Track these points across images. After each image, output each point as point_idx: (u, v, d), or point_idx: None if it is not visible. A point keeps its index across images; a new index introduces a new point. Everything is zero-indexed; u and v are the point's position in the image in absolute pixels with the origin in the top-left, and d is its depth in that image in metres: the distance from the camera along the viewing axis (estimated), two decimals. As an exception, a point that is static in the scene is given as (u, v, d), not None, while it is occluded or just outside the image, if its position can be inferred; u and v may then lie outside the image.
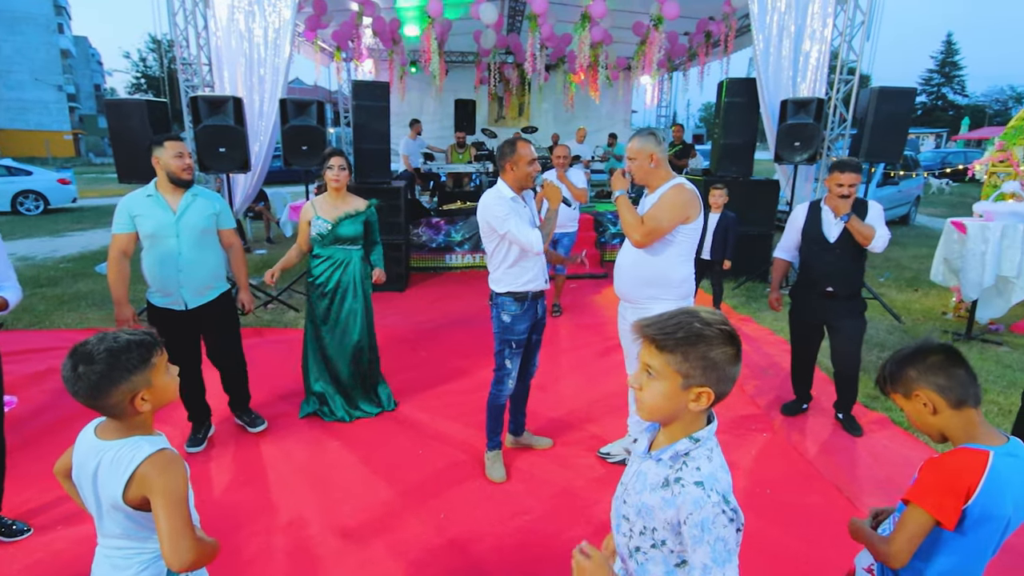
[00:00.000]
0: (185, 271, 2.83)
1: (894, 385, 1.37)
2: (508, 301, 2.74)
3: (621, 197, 2.65)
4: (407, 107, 11.48)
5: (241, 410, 3.32)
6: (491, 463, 2.91)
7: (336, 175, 3.23)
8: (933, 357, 1.31)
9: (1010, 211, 4.65)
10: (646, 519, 1.12)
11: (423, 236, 7.23)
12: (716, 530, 1.02)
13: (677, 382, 1.05)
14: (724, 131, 6.61)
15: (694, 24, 9.07)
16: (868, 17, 6.02)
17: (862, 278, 3.31)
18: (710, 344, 1.04)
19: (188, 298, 2.89)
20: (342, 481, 2.83)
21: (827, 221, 3.26)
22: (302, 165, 5.53)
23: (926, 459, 1.34)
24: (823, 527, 2.53)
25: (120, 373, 1.20)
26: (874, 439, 3.30)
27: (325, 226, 3.24)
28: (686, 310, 1.10)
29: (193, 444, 3.09)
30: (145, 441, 1.26)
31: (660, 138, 2.55)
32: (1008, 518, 1.22)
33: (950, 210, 13.65)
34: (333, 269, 3.30)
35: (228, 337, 3.15)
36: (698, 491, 1.03)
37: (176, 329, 2.88)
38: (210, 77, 5.83)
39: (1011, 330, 5.13)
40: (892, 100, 5.49)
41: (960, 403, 1.29)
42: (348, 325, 3.37)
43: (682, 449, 1.09)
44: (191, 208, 2.85)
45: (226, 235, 3.04)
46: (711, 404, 1.08)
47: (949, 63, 50.50)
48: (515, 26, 9.60)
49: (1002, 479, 1.22)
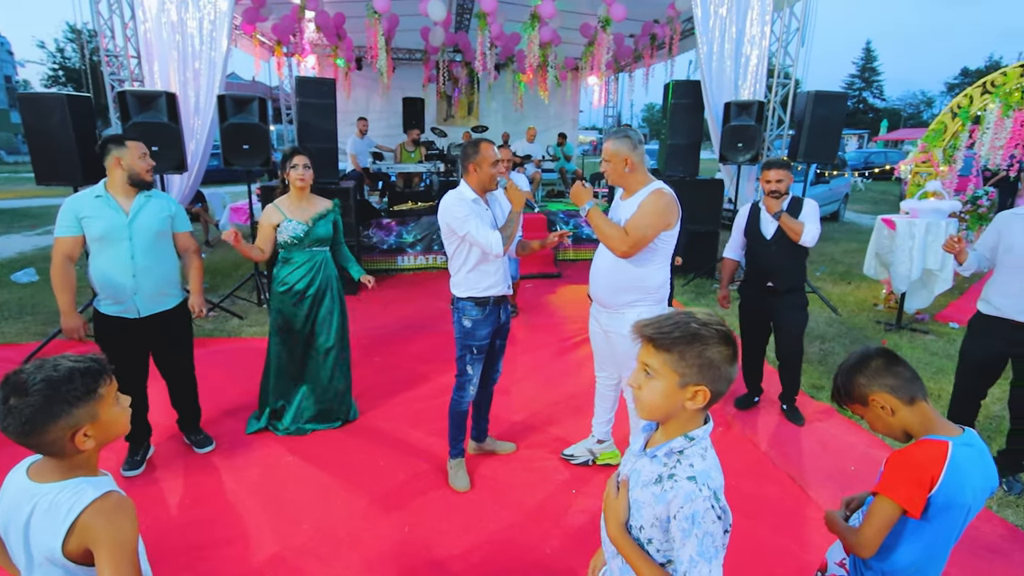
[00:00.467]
0: (139, 276, 2.67)
1: (850, 397, 1.44)
2: (469, 306, 2.68)
3: (592, 211, 2.50)
4: (352, 105, 11.17)
5: (190, 429, 3.12)
6: (454, 472, 2.85)
7: (301, 174, 3.08)
8: (875, 362, 1.39)
9: (933, 208, 4.98)
10: (635, 517, 1.14)
11: (374, 238, 7.05)
12: (705, 524, 1.04)
13: (674, 380, 1.08)
14: (671, 132, 6.78)
15: (639, 26, 9.28)
16: (802, 24, 6.32)
17: (802, 273, 3.46)
18: (706, 344, 1.07)
19: (141, 305, 2.71)
20: (298, 499, 2.69)
21: (764, 219, 3.41)
22: (244, 165, 5.25)
23: (890, 453, 1.39)
24: (781, 516, 2.62)
25: (60, 407, 1.06)
26: (820, 428, 3.45)
27: (301, 228, 3.08)
28: (684, 311, 1.13)
29: (131, 467, 2.87)
30: (88, 484, 1.12)
31: (636, 140, 2.47)
32: (968, 506, 1.29)
33: (874, 207, 14.60)
34: (314, 272, 3.16)
35: (182, 349, 2.99)
36: (691, 485, 1.06)
37: (126, 339, 2.72)
38: (139, 71, 5.45)
39: (935, 319, 5.51)
40: (827, 103, 5.78)
41: (912, 399, 1.35)
42: (324, 328, 3.24)
43: (677, 447, 1.12)
44: (144, 210, 2.70)
45: (182, 239, 2.89)
46: (708, 403, 1.10)
47: (868, 69, 54.01)
48: (463, 24, 9.51)
49: (961, 468, 1.28)
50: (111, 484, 1.16)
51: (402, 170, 8.67)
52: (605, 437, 3.01)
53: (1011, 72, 4.99)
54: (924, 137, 5.59)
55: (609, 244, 2.48)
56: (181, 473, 2.90)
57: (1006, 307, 2.68)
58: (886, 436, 1.44)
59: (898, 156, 21.99)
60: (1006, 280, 2.70)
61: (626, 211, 2.50)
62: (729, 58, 6.26)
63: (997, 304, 2.72)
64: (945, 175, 5.45)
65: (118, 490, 1.16)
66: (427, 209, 7.42)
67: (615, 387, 2.88)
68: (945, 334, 5.09)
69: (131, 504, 1.15)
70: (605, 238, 2.47)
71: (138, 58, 5.41)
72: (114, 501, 1.12)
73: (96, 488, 1.11)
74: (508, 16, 8.11)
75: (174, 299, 2.86)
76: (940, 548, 1.33)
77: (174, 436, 3.16)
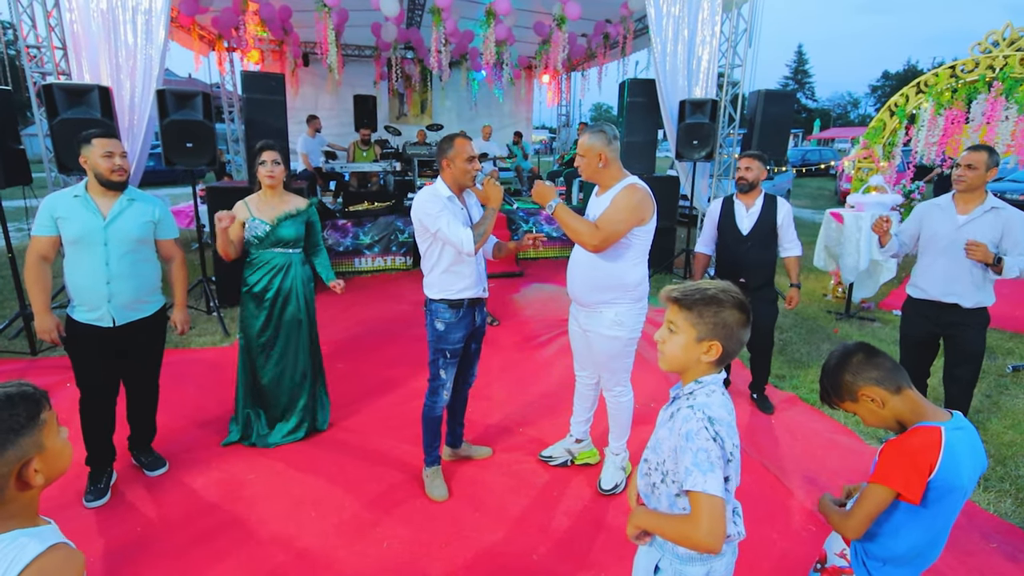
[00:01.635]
0: (114, 283, 2.51)
1: (839, 395, 1.45)
2: (442, 308, 2.58)
3: (558, 207, 2.43)
4: (300, 102, 10.76)
5: (142, 448, 2.90)
6: (430, 480, 2.74)
7: (270, 170, 2.90)
8: (856, 356, 1.42)
9: (876, 201, 5.24)
10: (658, 453, 1.33)
11: (329, 240, 6.78)
12: (699, 441, 1.19)
13: (693, 335, 1.27)
14: (627, 129, 6.86)
15: (592, 26, 9.35)
16: (750, 25, 6.52)
17: (774, 268, 3.54)
18: (722, 306, 1.26)
19: (116, 314, 2.55)
20: (266, 518, 2.52)
21: (739, 214, 3.46)
22: (187, 164, 4.92)
23: (884, 444, 1.40)
24: (758, 506, 2.65)
25: (4, 435, 0.92)
26: (787, 416, 3.55)
27: (263, 227, 2.90)
28: (707, 282, 1.32)
29: (95, 496, 2.61)
30: (29, 537, 0.95)
31: (611, 135, 2.43)
32: (964, 488, 1.31)
33: (813, 201, 15.34)
34: (272, 275, 2.96)
35: (152, 361, 2.82)
36: (688, 411, 1.25)
37: (99, 349, 2.57)
38: (65, 64, 5.02)
39: (879, 307, 5.81)
40: (776, 102, 5.99)
41: (899, 388, 1.38)
42: (291, 337, 3.05)
43: (688, 389, 1.31)
44: (125, 214, 2.54)
45: (165, 246, 2.73)
46: (720, 358, 1.27)
47: (801, 71, 56.92)
48: (415, 20, 9.32)
49: (956, 452, 1.30)
50: (56, 534, 1.00)
51: (356, 169, 8.41)
52: (583, 436, 2.98)
53: (942, 73, 5.31)
54: (865, 134, 5.87)
55: (579, 240, 2.43)
56: (137, 496, 2.67)
57: (931, 288, 2.92)
58: (880, 428, 1.46)
59: (831, 154, 23.30)
60: (929, 265, 2.94)
61: (600, 207, 2.47)
62: (682, 57, 6.39)
63: (922, 286, 2.96)
64: (885, 170, 5.74)
65: (65, 541, 1.00)
66: (384, 209, 7.21)
67: (594, 386, 2.85)
68: (890, 321, 5.37)
69: (80, 559, 1.00)
70: (574, 233, 2.41)
71: (64, 50, 4.98)
72: (61, 556, 0.96)
73: (40, 541, 0.95)
74: (461, 13, 8.00)
75: (153, 306, 2.69)
76: (938, 533, 1.35)
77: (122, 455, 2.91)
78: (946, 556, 2.28)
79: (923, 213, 3.00)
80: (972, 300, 2.82)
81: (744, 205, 3.46)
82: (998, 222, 2.76)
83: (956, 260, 2.80)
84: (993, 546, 2.40)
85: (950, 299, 2.86)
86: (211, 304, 5.28)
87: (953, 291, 2.85)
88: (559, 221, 2.46)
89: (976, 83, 5.08)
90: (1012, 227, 2.72)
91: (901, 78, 49.20)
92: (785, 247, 3.45)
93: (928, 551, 1.38)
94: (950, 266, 2.83)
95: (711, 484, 1.14)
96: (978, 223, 2.79)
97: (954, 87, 5.23)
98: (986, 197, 2.82)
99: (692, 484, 1.16)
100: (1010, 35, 4.90)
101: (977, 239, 2.73)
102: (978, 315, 2.85)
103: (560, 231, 7.80)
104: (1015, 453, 3.11)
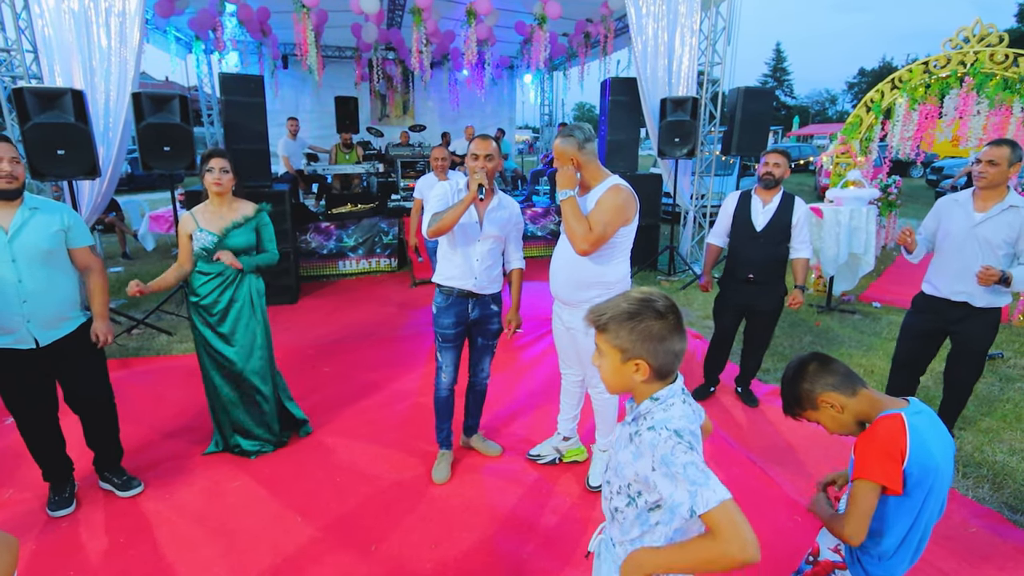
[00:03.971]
0: (31, 302, 2.31)
1: (800, 404, 1.50)
2: (436, 291, 2.76)
3: (569, 200, 2.38)
4: (280, 104, 10.63)
5: (110, 469, 2.74)
6: (436, 462, 2.89)
7: (217, 178, 2.77)
8: (811, 366, 1.48)
9: (855, 196, 5.32)
10: (620, 476, 1.23)
11: (312, 243, 6.73)
12: (679, 458, 1.08)
13: (617, 357, 1.19)
14: (610, 128, 6.89)
15: (572, 25, 9.39)
16: (728, 23, 6.59)
17: (784, 266, 3.46)
18: (639, 320, 1.16)
19: (39, 334, 2.36)
20: (249, 528, 2.48)
21: (755, 210, 3.40)
22: (165, 168, 4.84)
23: (855, 441, 1.43)
24: (746, 499, 2.67)
25: None
26: (771, 409, 3.59)
27: (210, 239, 2.77)
28: (622, 294, 1.23)
29: (59, 506, 2.54)
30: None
31: (581, 138, 2.40)
32: (938, 467, 1.34)
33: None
34: (223, 287, 2.83)
35: (91, 377, 2.58)
36: (651, 434, 1.14)
37: (24, 373, 2.39)
38: (36, 67, 4.91)
39: (859, 299, 5.90)
40: (756, 99, 6.05)
41: (854, 390, 1.43)
42: (247, 350, 2.93)
43: (643, 409, 1.21)
44: (28, 226, 2.31)
45: (80, 255, 2.49)
46: (653, 375, 1.18)
47: (779, 69, 57.65)
48: (395, 20, 9.27)
49: (921, 433, 1.34)
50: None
51: (339, 171, 8.34)
52: (571, 434, 2.98)
53: (916, 69, 5.41)
54: (843, 130, 5.97)
55: (571, 238, 2.42)
56: (110, 508, 2.61)
57: (943, 287, 2.83)
58: (843, 434, 1.49)
59: (811, 150, 23.65)
60: (944, 263, 2.85)
61: (584, 208, 2.47)
62: (663, 56, 6.44)
63: (936, 284, 2.87)
64: (862, 164, 5.84)
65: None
66: (367, 211, 7.16)
67: (580, 384, 2.86)
68: (869, 313, 5.46)
69: (12, 543, 0.98)
70: (570, 231, 2.41)
71: (35, 53, 4.87)
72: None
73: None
74: (442, 13, 7.97)
75: (76, 321, 2.48)
76: (925, 520, 1.37)
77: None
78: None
79: (943, 210, 2.88)
80: (984, 300, 2.72)
81: (761, 201, 3.38)
82: (1016, 221, 2.63)
83: (968, 259, 2.69)
84: (972, 530, 2.45)
85: (960, 297, 2.76)
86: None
87: (963, 290, 2.74)
88: (562, 213, 2.43)
89: (948, 79, 5.19)
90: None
91: (877, 75, 50.07)
92: (795, 247, 3.35)
93: (919, 540, 1.40)
94: (961, 264, 2.72)
95: (719, 490, 1.04)
96: (994, 221, 2.67)
97: (927, 83, 5.34)
98: (1007, 194, 2.68)
99: (706, 503, 1.03)
100: (980, 31, 5.01)
101: (991, 238, 2.66)
102: (989, 315, 2.76)
103: (544, 231, 7.81)
104: (991, 440, 3.18)
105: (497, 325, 2.84)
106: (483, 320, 2.78)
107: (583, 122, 2.57)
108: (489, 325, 2.81)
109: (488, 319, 2.79)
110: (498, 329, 2.86)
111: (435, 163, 4.76)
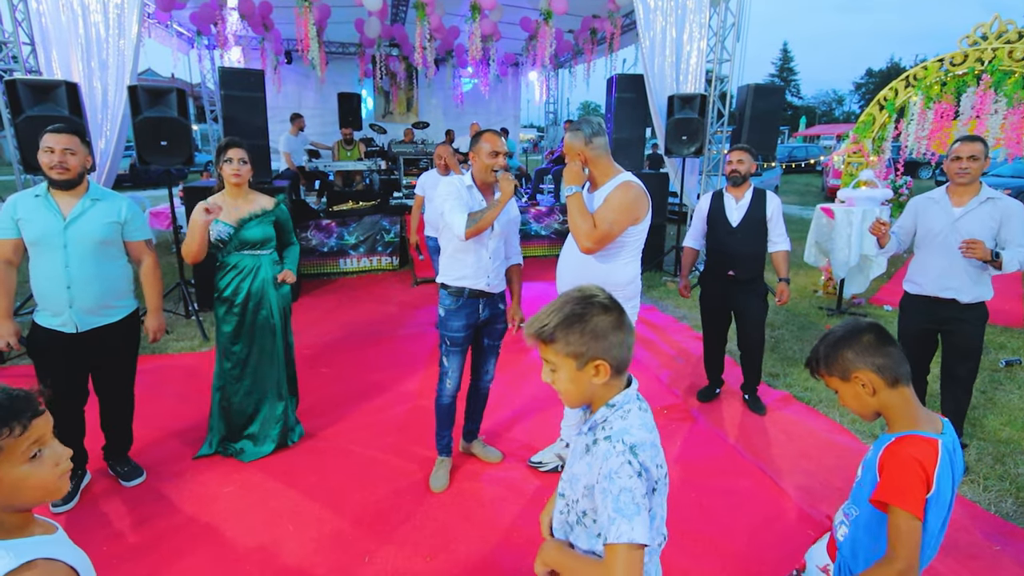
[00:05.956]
0: (75, 288, 2.39)
1: (829, 368, 1.34)
2: (444, 294, 2.64)
3: (575, 196, 2.33)
4: (283, 100, 10.56)
5: (117, 458, 2.78)
6: (435, 469, 2.78)
7: (236, 169, 2.74)
8: (866, 337, 1.30)
9: (867, 196, 5.19)
10: (574, 490, 1.17)
11: (313, 240, 6.63)
12: (620, 480, 1.02)
13: (572, 365, 1.10)
14: (616, 126, 6.77)
15: (579, 22, 9.26)
16: (737, 19, 6.46)
17: (763, 262, 3.46)
18: (584, 320, 1.09)
19: (79, 319, 2.43)
20: (242, 532, 2.39)
21: (729, 206, 3.41)
22: (162, 163, 4.75)
23: (883, 452, 1.29)
24: (757, 512, 2.57)
25: None
26: (782, 416, 3.47)
27: (226, 230, 2.74)
28: (558, 299, 1.16)
29: (62, 501, 2.52)
30: (5, 549, 0.84)
31: (591, 130, 2.32)
32: (949, 498, 1.24)
33: (801, 198, 15.37)
34: (240, 279, 2.81)
35: (124, 369, 2.68)
36: (606, 444, 1.07)
37: (62, 356, 2.46)
38: (34, 60, 4.83)
39: (870, 302, 5.77)
40: (766, 96, 5.92)
41: (896, 381, 1.28)
42: (264, 343, 2.90)
43: (600, 417, 1.13)
44: (87, 215, 2.41)
45: (135, 247, 2.60)
46: (613, 374, 1.11)
47: (786, 69, 57.28)
48: (399, 16, 9.17)
49: (945, 464, 1.22)
50: (41, 547, 0.87)
51: (341, 168, 8.25)
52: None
53: (931, 66, 5.27)
54: (855, 128, 5.83)
55: (575, 235, 2.37)
56: (109, 508, 2.53)
57: (927, 284, 2.85)
58: (856, 413, 1.35)
59: (818, 150, 23.40)
60: (925, 260, 2.88)
61: (592, 205, 2.39)
62: (671, 52, 6.31)
63: (919, 282, 2.89)
64: (875, 164, 5.70)
65: (49, 557, 0.87)
66: (369, 209, 7.06)
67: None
68: (881, 316, 5.32)
69: (65, 571, 0.88)
70: (574, 228, 2.34)
71: (32, 45, 4.79)
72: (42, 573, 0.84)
73: (16, 555, 0.83)
74: (446, 9, 7.87)
75: (121, 311, 2.56)
76: (929, 544, 1.26)
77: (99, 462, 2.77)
78: (949, 560, 2.22)
79: (918, 208, 2.94)
80: (970, 295, 2.75)
81: (734, 198, 3.41)
82: (996, 212, 2.68)
83: (952, 254, 2.71)
84: (997, 548, 2.33)
85: (947, 294, 2.79)
86: (189, 308, 5.12)
87: (950, 286, 2.77)
88: (568, 209, 2.39)
89: (965, 76, 5.05)
90: (1010, 217, 2.65)
91: (885, 75, 49.68)
92: (773, 241, 3.39)
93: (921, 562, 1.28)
94: (946, 261, 2.75)
95: (638, 530, 0.99)
96: (974, 215, 2.71)
97: (943, 80, 5.19)
98: (981, 188, 2.75)
99: (617, 535, 0.99)
100: (998, 27, 4.87)
101: (974, 232, 2.67)
102: (976, 310, 2.78)
103: (548, 230, 7.70)
104: (1013, 451, 3.05)
105: (503, 324, 2.79)
106: (491, 320, 2.72)
107: (593, 116, 2.48)
108: (496, 324, 2.76)
109: (496, 318, 2.75)
110: (503, 328, 2.80)
111: (437, 161, 4.72)
